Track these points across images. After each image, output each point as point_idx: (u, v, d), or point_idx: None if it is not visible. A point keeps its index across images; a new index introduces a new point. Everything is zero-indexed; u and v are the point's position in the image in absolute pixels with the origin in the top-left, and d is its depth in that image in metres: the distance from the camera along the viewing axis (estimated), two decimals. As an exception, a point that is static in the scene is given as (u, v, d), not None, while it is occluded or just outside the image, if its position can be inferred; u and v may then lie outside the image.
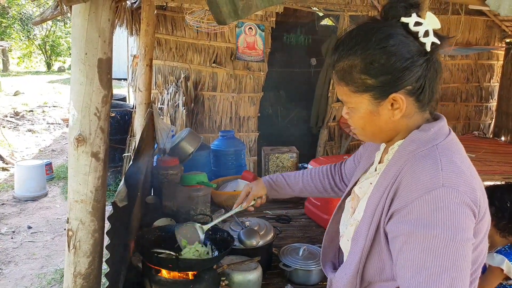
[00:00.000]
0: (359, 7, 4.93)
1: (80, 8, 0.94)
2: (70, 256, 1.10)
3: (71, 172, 1.07)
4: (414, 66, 0.86)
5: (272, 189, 1.50)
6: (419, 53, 0.87)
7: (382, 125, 0.93)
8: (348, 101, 0.95)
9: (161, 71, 4.61)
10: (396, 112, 0.90)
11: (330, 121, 5.39)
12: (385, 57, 0.86)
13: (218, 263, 1.53)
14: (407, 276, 0.81)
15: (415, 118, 0.93)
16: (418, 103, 0.91)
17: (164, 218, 1.94)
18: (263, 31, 4.74)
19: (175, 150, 2.55)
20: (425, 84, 0.89)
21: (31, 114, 9.49)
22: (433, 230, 0.79)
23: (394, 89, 0.88)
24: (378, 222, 0.91)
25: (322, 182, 1.46)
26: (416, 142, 0.90)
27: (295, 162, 2.61)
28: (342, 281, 1.00)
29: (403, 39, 0.87)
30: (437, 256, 0.78)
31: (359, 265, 0.95)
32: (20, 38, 18.05)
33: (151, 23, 2.55)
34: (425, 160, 0.86)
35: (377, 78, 0.88)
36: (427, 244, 0.79)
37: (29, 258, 3.70)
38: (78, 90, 1.01)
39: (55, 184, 5.62)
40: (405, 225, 0.83)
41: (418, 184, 0.83)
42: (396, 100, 0.88)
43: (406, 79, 0.87)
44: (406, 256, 0.82)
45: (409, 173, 0.86)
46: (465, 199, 0.81)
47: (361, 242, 0.95)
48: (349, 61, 0.90)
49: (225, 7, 0.85)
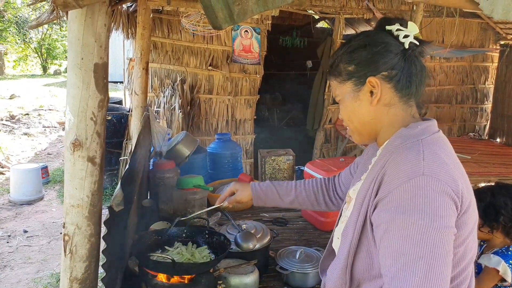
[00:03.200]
0: (354, 9, 4.95)
1: (76, 13, 0.95)
2: (66, 261, 1.10)
3: (67, 177, 1.07)
4: (388, 52, 0.95)
5: (259, 198, 1.48)
6: (395, 46, 0.96)
7: (364, 112, 0.99)
8: (337, 93, 1.05)
9: (157, 74, 4.61)
10: (374, 98, 0.96)
11: (326, 123, 5.41)
12: (363, 45, 0.97)
13: (215, 266, 1.53)
14: (387, 264, 0.83)
15: (397, 109, 0.98)
16: (397, 92, 0.96)
17: (161, 222, 1.94)
18: (259, 34, 4.76)
19: (171, 153, 2.54)
20: (401, 74, 0.95)
21: (27, 117, 9.45)
22: (411, 217, 0.80)
23: (370, 72, 0.96)
24: (365, 213, 0.93)
25: (315, 193, 1.44)
26: (402, 137, 0.93)
27: (291, 165, 2.61)
28: (333, 277, 1.01)
29: (383, 36, 0.98)
30: (415, 242, 0.79)
31: (347, 260, 0.96)
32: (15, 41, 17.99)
33: (147, 27, 2.55)
34: (408, 152, 0.89)
35: (355, 64, 0.98)
36: (405, 231, 0.80)
37: (25, 263, 3.67)
38: (74, 95, 1.01)
39: (51, 188, 5.59)
40: (386, 213, 0.85)
41: (399, 173, 0.85)
42: (372, 84, 0.96)
43: (380, 64, 0.95)
44: (386, 244, 0.84)
45: (393, 163, 0.89)
46: (445, 188, 0.82)
47: (350, 235, 0.96)
48: (337, 57, 1.02)
49: (220, 12, 0.86)
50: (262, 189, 1.47)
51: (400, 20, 0.98)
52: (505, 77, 5.79)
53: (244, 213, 2.48)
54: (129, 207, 1.62)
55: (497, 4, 0.96)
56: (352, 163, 1.37)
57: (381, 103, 0.97)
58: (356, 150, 5.48)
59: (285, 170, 2.61)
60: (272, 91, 8.06)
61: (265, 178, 2.60)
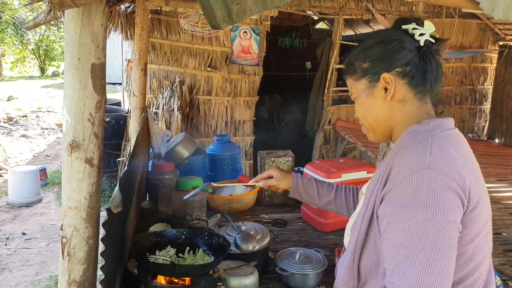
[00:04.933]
0: (353, 10, 4.95)
1: (73, 13, 0.94)
2: (64, 263, 1.09)
3: (65, 179, 1.06)
4: (402, 49, 0.95)
5: (297, 191, 1.46)
6: (410, 43, 0.96)
7: (379, 109, 0.99)
8: (352, 91, 1.06)
9: (156, 76, 4.60)
10: (388, 94, 0.97)
11: (326, 124, 5.40)
12: (378, 42, 0.99)
13: (214, 268, 1.52)
14: (389, 257, 0.83)
15: (411, 106, 0.97)
16: (411, 89, 0.96)
17: (160, 223, 1.93)
18: (258, 35, 4.75)
19: (170, 155, 2.54)
20: (416, 70, 0.95)
21: (25, 119, 9.42)
22: (413, 210, 0.80)
23: (384, 69, 0.97)
24: (373, 207, 0.92)
25: (354, 200, 1.41)
26: (413, 132, 0.93)
27: (290, 166, 2.60)
28: (341, 271, 1.02)
29: (398, 33, 0.98)
30: (415, 235, 0.78)
31: (354, 254, 0.97)
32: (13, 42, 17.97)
33: (145, 28, 2.54)
34: (416, 146, 0.88)
35: (370, 61, 0.99)
36: (406, 224, 0.80)
37: (23, 265, 3.66)
38: (71, 96, 1.00)
39: (49, 190, 5.58)
40: (390, 206, 0.85)
41: (405, 167, 0.85)
42: (386, 80, 0.96)
43: (394, 60, 0.96)
44: (388, 237, 0.84)
45: (400, 158, 0.89)
46: (450, 183, 0.81)
47: (357, 229, 0.97)
48: (353, 55, 1.04)
49: (219, 12, 0.85)
50: (304, 182, 1.46)
51: (416, 20, 0.99)
52: (504, 78, 5.80)
53: (244, 214, 2.47)
54: (128, 209, 1.61)
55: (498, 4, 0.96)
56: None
57: (395, 100, 0.97)
58: (356, 151, 5.48)
59: (285, 171, 2.61)
60: (271, 92, 8.07)
61: (265, 179, 2.59)
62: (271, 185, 1.49)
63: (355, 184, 2.20)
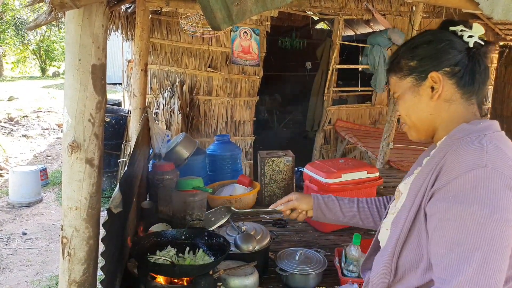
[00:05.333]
0: (353, 11, 4.96)
1: (74, 14, 0.94)
2: (65, 264, 1.09)
3: (65, 179, 1.06)
4: (451, 49, 0.95)
5: (319, 209, 1.42)
6: (460, 44, 0.96)
7: (424, 107, 0.99)
8: (396, 90, 1.05)
9: (156, 76, 4.60)
10: (435, 93, 0.97)
11: (326, 124, 5.41)
12: (427, 41, 0.99)
13: (214, 268, 1.53)
14: (440, 253, 0.82)
15: (458, 106, 0.97)
16: (459, 89, 0.96)
17: (160, 224, 1.93)
18: (258, 35, 4.76)
19: (170, 155, 2.54)
20: (464, 71, 0.95)
21: (26, 119, 9.43)
22: (470, 207, 0.79)
23: (432, 68, 0.96)
24: (420, 204, 0.92)
25: (379, 210, 1.39)
26: (464, 131, 0.92)
27: (291, 166, 2.60)
28: (378, 267, 1.02)
29: (448, 34, 0.98)
30: (471, 233, 0.78)
31: (395, 248, 0.96)
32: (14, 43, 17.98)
33: (146, 28, 2.55)
34: (470, 144, 0.87)
35: (418, 59, 0.99)
36: (462, 221, 0.79)
37: (24, 265, 3.66)
38: (72, 96, 1.01)
39: (50, 190, 5.58)
40: (443, 203, 0.84)
41: (460, 164, 0.84)
42: (434, 79, 0.96)
43: (443, 59, 0.96)
44: (440, 233, 0.83)
45: (453, 155, 0.88)
46: (508, 182, 0.80)
47: (400, 224, 0.96)
48: (399, 53, 1.04)
49: (219, 13, 0.85)
50: (324, 200, 1.43)
51: (464, 22, 1.00)
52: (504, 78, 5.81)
53: (244, 214, 2.47)
54: (128, 209, 1.61)
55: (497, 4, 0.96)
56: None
57: (442, 99, 0.97)
58: (356, 152, 5.48)
59: (285, 172, 2.60)
60: (272, 93, 8.07)
61: (265, 179, 2.59)
62: (292, 207, 1.46)
63: (355, 184, 2.21)
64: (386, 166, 3.69)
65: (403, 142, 4.64)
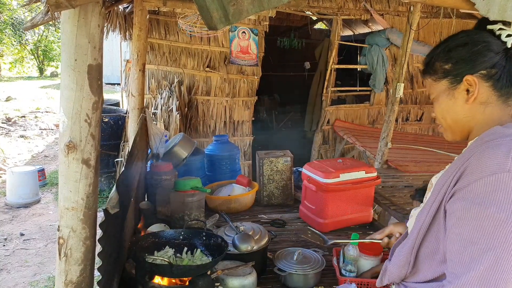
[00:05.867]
0: (351, 11, 4.96)
1: (69, 14, 0.94)
2: (61, 264, 1.09)
3: (62, 179, 1.06)
4: (488, 51, 0.93)
5: None
6: (497, 45, 0.94)
7: (459, 110, 0.99)
8: (432, 91, 1.05)
9: (154, 76, 4.59)
10: (470, 96, 0.96)
11: (324, 124, 5.41)
12: (462, 44, 0.97)
13: (212, 268, 1.52)
14: (454, 250, 0.86)
15: (494, 108, 0.96)
16: (495, 91, 0.95)
17: (158, 224, 1.92)
18: (256, 35, 4.75)
19: (168, 155, 2.53)
20: (501, 73, 0.94)
21: (23, 119, 9.41)
22: (488, 210, 0.81)
23: (468, 71, 0.95)
24: (441, 201, 0.94)
25: None
26: (495, 134, 0.91)
27: (289, 166, 2.60)
28: (399, 255, 1.07)
29: (484, 35, 0.96)
30: (487, 234, 0.80)
31: (416, 240, 1.01)
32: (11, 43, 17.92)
33: (144, 28, 2.54)
34: (496, 148, 0.87)
35: (452, 62, 0.98)
36: (479, 222, 0.82)
37: (21, 266, 3.65)
38: (68, 97, 1.00)
39: (48, 190, 5.57)
40: (462, 202, 0.86)
41: (483, 167, 0.85)
42: (470, 82, 0.95)
43: (479, 62, 0.94)
44: (457, 231, 0.86)
45: (478, 157, 0.88)
46: None
47: (422, 218, 0.99)
48: (434, 55, 1.03)
49: (215, 13, 0.85)
50: None
51: (502, 20, 0.97)
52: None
53: (242, 214, 2.47)
54: (125, 209, 1.61)
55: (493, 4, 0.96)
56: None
57: (477, 102, 0.96)
58: (354, 152, 5.48)
59: (283, 172, 2.60)
60: (270, 93, 8.07)
61: (263, 179, 2.59)
62: (388, 233, 1.44)
63: (354, 184, 2.21)
64: (384, 166, 3.69)
65: (401, 142, 4.65)
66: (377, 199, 2.73)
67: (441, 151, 4.48)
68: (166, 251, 1.59)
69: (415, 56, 5.63)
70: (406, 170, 3.63)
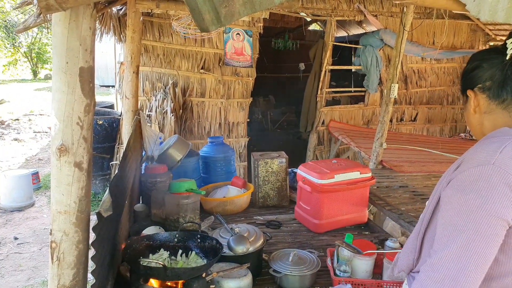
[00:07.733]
0: (345, 12, 4.98)
1: (60, 16, 0.93)
2: (54, 268, 1.08)
3: (54, 183, 1.05)
4: (480, 68, 1.06)
5: None
6: (493, 60, 1.04)
7: (471, 119, 1.13)
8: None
9: (148, 78, 4.58)
10: (474, 107, 1.09)
11: (319, 125, 5.41)
12: (468, 61, 1.13)
13: (207, 271, 1.52)
14: (439, 231, 0.95)
15: (496, 115, 1.06)
16: (493, 100, 1.05)
17: (153, 227, 1.91)
18: (251, 36, 4.76)
19: (163, 157, 2.53)
20: (493, 84, 1.04)
21: (17, 122, 9.34)
22: (467, 195, 0.90)
23: (468, 86, 1.10)
24: (440, 190, 1.02)
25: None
26: (498, 132, 1.01)
27: (284, 167, 2.60)
28: (409, 241, 1.16)
29: (483, 52, 1.09)
30: (463, 217, 0.89)
31: (420, 227, 1.10)
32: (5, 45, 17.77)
33: (137, 30, 2.53)
34: (491, 143, 0.96)
35: (461, 79, 1.15)
36: (458, 206, 0.91)
37: (15, 270, 3.62)
38: (59, 99, 0.99)
39: (42, 194, 5.52)
40: (451, 190, 0.96)
41: (474, 159, 0.94)
42: (470, 95, 1.09)
43: (475, 78, 1.08)
44: (442, 214, 0.96)
45: (473, 151, 0.98)
46: (509, 181, 0.87)
47: (428, 206, 1.09)
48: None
49: (207, 15, 0.85)
50: None
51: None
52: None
53: (237, 216, 2.47)
54: (119, 212, 1.60)
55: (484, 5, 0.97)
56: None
57: (481, 111, 1.09)
58: (349, 152, 5.50)
59: (278, 173, 2.60)
60: (265, 94, 8.07)
61: (258, 181, 2.58)
62: None
63: (348, 185, 2.22)
64: (379, 166, 3.71)
65: (396, 142, 4.67)
66: (372, 199, 2.74)
67: (435, 151, 4.50)
68: (161, 253, 1.59)
69: (409, 56, 5.66)
70: (400, 170, 3.65)
